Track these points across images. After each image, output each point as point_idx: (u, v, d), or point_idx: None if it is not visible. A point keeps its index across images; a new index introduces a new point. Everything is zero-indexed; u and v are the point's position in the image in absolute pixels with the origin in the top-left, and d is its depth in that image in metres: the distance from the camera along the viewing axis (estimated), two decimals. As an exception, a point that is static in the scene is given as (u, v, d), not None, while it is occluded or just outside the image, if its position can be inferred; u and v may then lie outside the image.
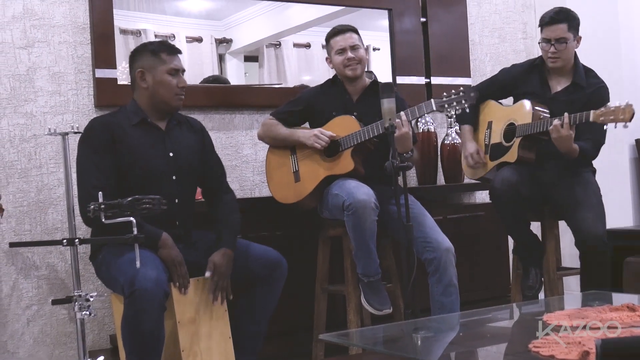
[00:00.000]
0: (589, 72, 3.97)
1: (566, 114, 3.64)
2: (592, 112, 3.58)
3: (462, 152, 4.22)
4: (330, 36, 3.93)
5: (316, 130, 3.80)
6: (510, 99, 4.16)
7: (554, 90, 3.95)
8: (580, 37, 3.91)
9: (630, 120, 3.52)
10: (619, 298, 3.06)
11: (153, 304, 2.93)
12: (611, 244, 3.76)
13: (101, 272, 3.32)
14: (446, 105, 3.54)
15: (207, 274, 3.24)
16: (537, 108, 3.83)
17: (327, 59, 3.98)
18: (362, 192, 3.55)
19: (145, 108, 3.37)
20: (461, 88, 3.53)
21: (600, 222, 3.73)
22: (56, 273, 3.81)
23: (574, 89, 3.91)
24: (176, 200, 3.33)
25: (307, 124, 4.01)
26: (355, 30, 3.92)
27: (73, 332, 3.80)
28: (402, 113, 3.59)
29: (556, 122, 3.65)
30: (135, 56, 3.41)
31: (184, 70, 3.42)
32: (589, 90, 3.89)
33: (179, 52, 3.43)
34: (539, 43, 3.93)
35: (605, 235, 3.70)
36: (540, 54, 4.03)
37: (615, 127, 3.58)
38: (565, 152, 3.72)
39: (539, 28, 3.95)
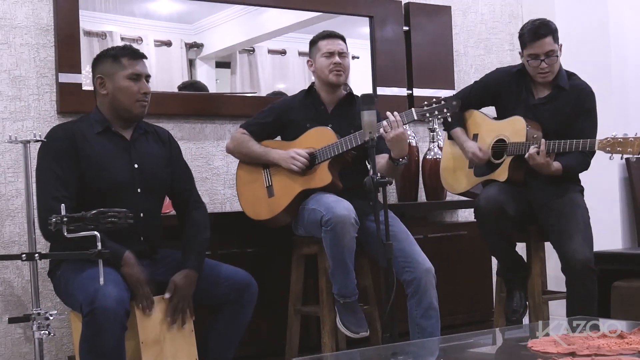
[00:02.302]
0: (572, 76, 4.01)
1: (543, 141, 3.73)
2: (597, 140, 3.65)
3: (442, 159, 4.25)
4: (319, 38, 3.97)
5: (292, 152, 3.80)
6: (492, 110, 4.19)
7: (537, 97, 3.99)
8: (561, 45, 3.96)
9: (639, 154, 3.58)
10: (606, 324, 3.09)
11: (113, 323, 2.92)
12: (599, 267, 3.79)
13: (60, 289, 3.31)
14: (428, 115, 3.60)
15: (167, 295, 3.24)
16: (529, 126, 3.86)
17: (308, 61, 4.02)
18: (341, 206, 3.56)
19: (109, 116, 3.36)
20: (442, 97, 3.59)
21: (587, 246, 3.76)
22: (12, 289, 3.78)
23: (557, 93, 3.96)
24: (141, 215, 3.32)
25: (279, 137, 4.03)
26: (344, 40, 3.99)
27: (29, 353, 3.78)
28: (395, 113, 3.62)
29: (532, 150, 3.73)
30: (96, 62, 3.41)
31: (148, 76, 3.40)
32: (573, 93, 3.94)
33: (143, 56, 3.42)
34: (527, 61, 3.94)
35: (592, 260, 3.73)
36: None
37: (622, 158, 3.64)
38: (547, 175, 3.80)
39: (520, 43, 3.98)
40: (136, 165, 3.36)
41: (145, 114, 3.40)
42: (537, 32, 3.88)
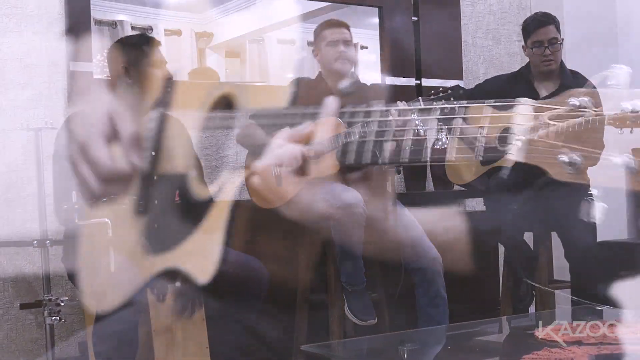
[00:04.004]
0: (575, 74, 4.04)
1: (550, 122, 3.71)
2: (606, 115, 3.64)
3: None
4: (323, 28, 3.97)
5: (297, 149, 3.80)
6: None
7: (542, 96, 4.01)
8: (563, 39, 4.00)
9: None
10: (611, 313, 3.11)
11: (127, 310, 2.94)
12: (604, 257, 3.80)
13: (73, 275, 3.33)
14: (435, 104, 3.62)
15: (177, 283, 3.25)
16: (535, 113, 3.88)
17: (313, 50, 4.02)
18: (350, 195, 3.57)
19: None
20: (448, 87, 3.63)
21: (590, 234, 3.78)
22: (23, 276, 3.81)
23: (564, 90, 3.97)
24: (156, 202, 3.33)
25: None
26: (349, 28, 3.98)
27: (40, 339, 3.80)
28: (403, 102, 3.61)
29: (540, 132, 3.73)
30: (118, 51, 3.39)
31: (165, 63, 3.40)
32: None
33: (159, 44, 3.43)
34: (531, 49, 3.97)
35: (595, 248, 3.75)
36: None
37: (632, 132, 3.64)
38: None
39: (524, 35, 4.03)
40: (153, 153, 3.36)
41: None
42: (542, 20, 3.99)
